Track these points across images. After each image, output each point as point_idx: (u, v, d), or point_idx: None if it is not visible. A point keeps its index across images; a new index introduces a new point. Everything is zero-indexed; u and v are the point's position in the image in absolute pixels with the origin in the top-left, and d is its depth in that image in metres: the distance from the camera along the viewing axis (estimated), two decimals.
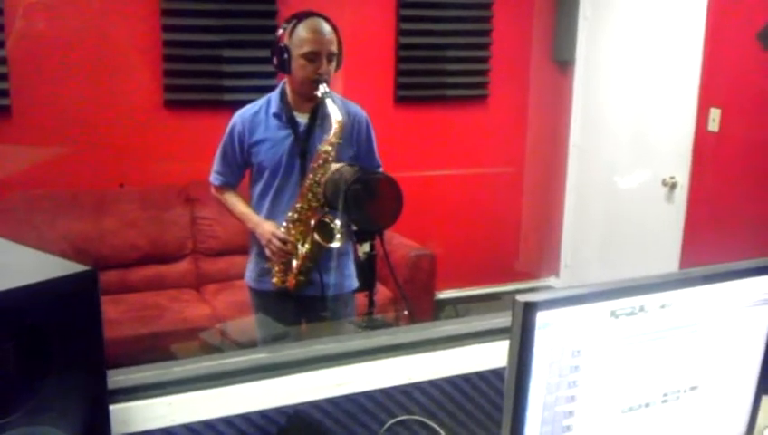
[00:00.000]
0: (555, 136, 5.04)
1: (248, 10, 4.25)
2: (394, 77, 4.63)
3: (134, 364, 1.44)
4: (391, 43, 4.60)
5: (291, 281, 2.62)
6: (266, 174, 2.65)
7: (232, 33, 4.21)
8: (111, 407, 1.19)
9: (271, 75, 3.77)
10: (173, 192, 4.28)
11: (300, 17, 2.55)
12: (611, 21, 4.62)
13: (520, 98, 4.96)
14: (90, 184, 4.16)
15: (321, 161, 2.52)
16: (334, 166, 2.50)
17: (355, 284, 2.71)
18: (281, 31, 2.56)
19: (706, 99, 3.82)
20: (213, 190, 2.81)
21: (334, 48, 2.54)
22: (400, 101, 4.67)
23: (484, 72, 4.82)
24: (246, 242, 3.98)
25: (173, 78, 4.20)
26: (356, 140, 2.68)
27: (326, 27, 2.54)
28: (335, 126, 2.49)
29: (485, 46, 4.78)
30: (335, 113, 2.48)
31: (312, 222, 2.56)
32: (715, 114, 3.77)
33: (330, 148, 2.51)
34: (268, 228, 2.62)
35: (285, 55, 2.53)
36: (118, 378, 1.36)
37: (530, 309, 1.06)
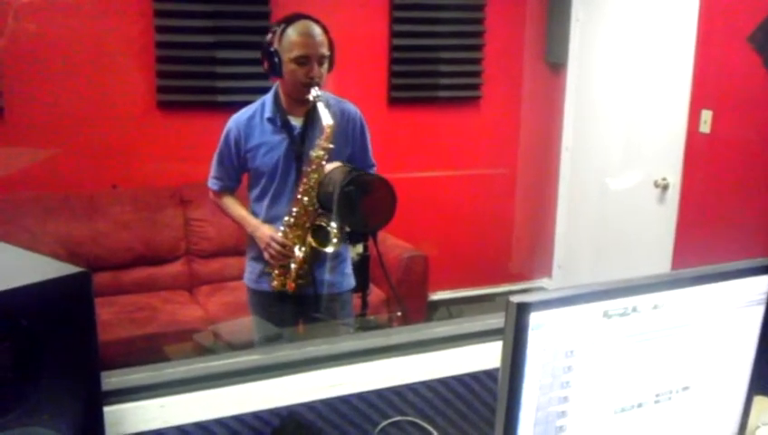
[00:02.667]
0: (548, 137, 5.06)
1: (241, 11, 4.25)
2: (387, 78, 4.64)
3: (127, 366, 1.43)
4: (384, 45, 4.60)
5: (290, 285, 2.62)
6: (263, 178, 2.64)
7: (225, 34, 4.20)
8: (105, 408, 1.19)
9: (264, 77, 3.74)
10: (166, 194, 4.27)
11: (289, 20, 2.53)
12: (603, 23, 4.63)
13: (513, 99, 4.97)
14: (82, 185, 4.14)
15: (314, 166, 2.52)
16: (328, 166, 2.50)
17: (353, 283, 2.71)
18: (270, 35, 2.54)
19: (698, 101, 3.83)
20: (211, 195, 2.81)
21: (325, 50, 2.52)
22: (393, 102, 4.67)
23: (476, 74, 4.82)
24: (239, 244, 3.98)
25: (166, 79, 4.20)
26: (351, 139, 2.68)
27: (316, 29, 2.52)
28: (326, 130, 2.48)
29: (478, 48, 4.79)
30: (326, 117, 2.47)
31: (308, 226, 2.56)
32: (706, 116, 3.78)
33: (322, 153, 2.50)
34: (267, 232, 2.62)
35: (276, 59, 2.52)
36: (111, 379, 1.35)
37: (523, 310, 1.06)
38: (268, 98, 2.65)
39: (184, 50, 4.19)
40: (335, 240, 2.46)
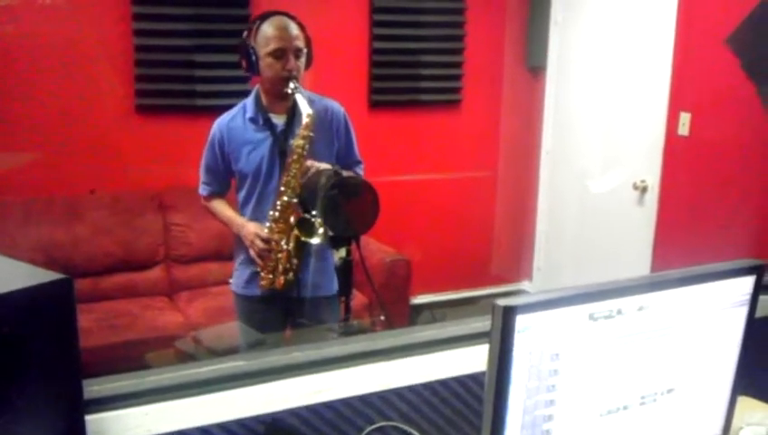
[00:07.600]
0: (528, 140, 5.07)
1: (221, 14, 4.22)
2: (368, 82, 4.64)
3: (106, 374, 1.41)
4: (365, 49, 4.60)
5: (279, 281, 2.61)
6: (249, 178, 2.65)
7: (204, 37, 4.18)
8: (87, 417, 1.17)
9: (244, 80, 3.76)
10: (145, 198, 4.24)
11: (264, 17, 2.56)
12: (582, 26, 4.66)
13: (493, 103, 4.99)
14: (61, 190, 4.10)
15: (295, 156, 2.52)
16: (310, 167, 2.49)
17: (337, 286, 2.71)
18: (246, 33, 2.56)
19: (676, 103, 3.87)
20: (202, 201, 2.82)
21: (301, 44, 2.53)
22: (374, 106, 4.67)
23: (457, 78, 4.84)
24: (220, 248, 3.96)
25: (145, 83, 4.17)
26: (336, 135, 2.69)
27: (291, 24, 2.54)
28: (306, 120, 2.49)
29: (459, 51, 4.80)
30: (305, 107, 2.48)
31: (292, 219, 2.55)
32: (684, 118, 3.81)
33: (302, 141, 2.51)
34: (252, 229, 2.62)
35: (253, 57, 2.53)
36: (93, 388, 1.33)
37: (509, 313, 1.06)
38: (249, 99, 2.66)
39: (163, 53, 4.16)
40: (321, 230, 2.46)
